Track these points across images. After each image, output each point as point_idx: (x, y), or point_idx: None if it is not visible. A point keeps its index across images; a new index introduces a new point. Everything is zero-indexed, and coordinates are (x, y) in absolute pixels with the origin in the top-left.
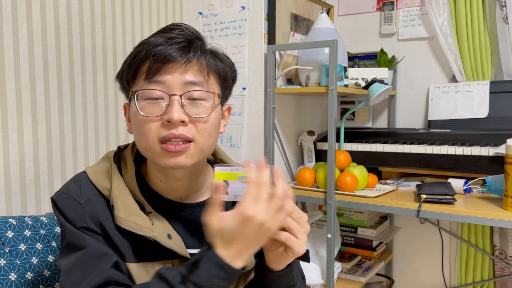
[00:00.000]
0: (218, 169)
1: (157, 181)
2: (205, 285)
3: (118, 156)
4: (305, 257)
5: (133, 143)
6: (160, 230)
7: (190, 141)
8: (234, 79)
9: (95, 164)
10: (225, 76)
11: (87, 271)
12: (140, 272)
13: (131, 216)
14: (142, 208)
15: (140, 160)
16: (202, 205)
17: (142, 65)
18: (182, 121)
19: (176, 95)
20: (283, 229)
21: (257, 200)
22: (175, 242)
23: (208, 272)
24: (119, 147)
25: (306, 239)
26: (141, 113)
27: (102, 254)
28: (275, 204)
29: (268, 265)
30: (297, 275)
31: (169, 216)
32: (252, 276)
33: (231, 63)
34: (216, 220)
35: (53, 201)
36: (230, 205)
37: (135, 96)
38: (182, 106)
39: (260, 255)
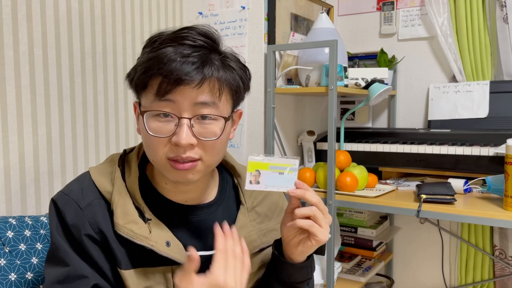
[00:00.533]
0: (251, 158)
1: (163, 184)
2: None
3: (123, 159)
4: (321, 250)
5: (139, 146)
6: (158, 238)
7: (198, 160)
8: (247, 88)
9: (99, 164)
10: (238, 89)
11: None
12: (139, 277)
13: (129, 223)
14: (141, 214)
15: (146, 161)
16: (206, 207)
17: (152, 80)
18: (191, 144)
19: (185, 118)
20: (308, 217)
21: (227, 267)
22: (173, 249)
23: None
24: (124, 150)
25: (329, 230)
26: (149, 132)
27: (81, 277)
28: (241, 266)
29: (290, 256)
30: (314, 269)
31: (172, 220)
32: (260, 274)
33: (244, 69)
34: (187, 285)
35: (54, 201)
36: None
37: (143, 113)
38: (191, 127)
39: (278, 248)
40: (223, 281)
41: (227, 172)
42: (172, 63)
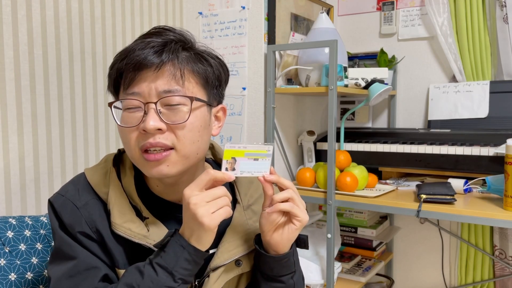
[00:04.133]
0: (227, 146)
1: (154, 185)
2: (171, 267)
3: (118, 159)
4: (304, 243)
5: None
6: (156, 237)
7: (171, 149)
8: (220, 79)
9: (94, 165)
10: (206, 76)
11: (75, 284)
12: None
13: (126, 222)
14: (139, 213)
15: None
16: None
17: (120, 76)
18: (159, 129)
19: (151, 102)
20: (286, 201)
21: (197, 184)
22: None
23: (173, 254)
24: (119, 150)
25: (306, 211)
26: (118, 123)
27: (91, 267)
28: (211, 194)
29: (273, 249)
30: (298, 262)
31: (167, 218)
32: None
33: (217, 62)
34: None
35: (50, 203)
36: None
37: (114, 106)
38: (159, 113)
39: (259, 242)
40: (186, 191)
41: None
42: (134, 52)
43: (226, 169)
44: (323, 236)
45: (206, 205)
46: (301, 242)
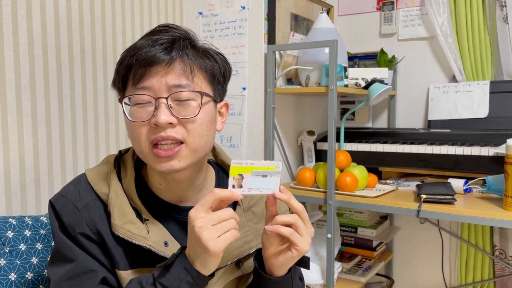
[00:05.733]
0: (234, 163)
1: (157, 184)
2: None
3: (119, 160)
4: (305, 264)
5: None
6: (156, 238)
7: (181, 143)
8: (225, 75)
9: (95, 166)
10: (213, 73)
11: (75, 286)
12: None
13: (126, 224)
14: (139, 215)
15: (142, 162)
16: None
17: (128, 72)
18: (170, 123)
19: (162, 97)
20: (289, 226)
21: (202, 205)
22: (171, 249)
23: (177, 275)
24: (120, 151)
25: (310, 241)
26: (129, 118)
27: (89, 270)
28: (217, 217)
29: (270, 270)
30: (297, 282)
31: (167, 220)
32: (250, 279)
33: (222, 59)
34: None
35: (51, 203)
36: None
37: (123, 102)
38: (169, 108)
39: (259, 260)
40: (192, 212)
41: (224, 172)
42: (143, 49)
43: (233, 186)
44: (323, 236)
45: (211, 229)
46: (302, 262)
